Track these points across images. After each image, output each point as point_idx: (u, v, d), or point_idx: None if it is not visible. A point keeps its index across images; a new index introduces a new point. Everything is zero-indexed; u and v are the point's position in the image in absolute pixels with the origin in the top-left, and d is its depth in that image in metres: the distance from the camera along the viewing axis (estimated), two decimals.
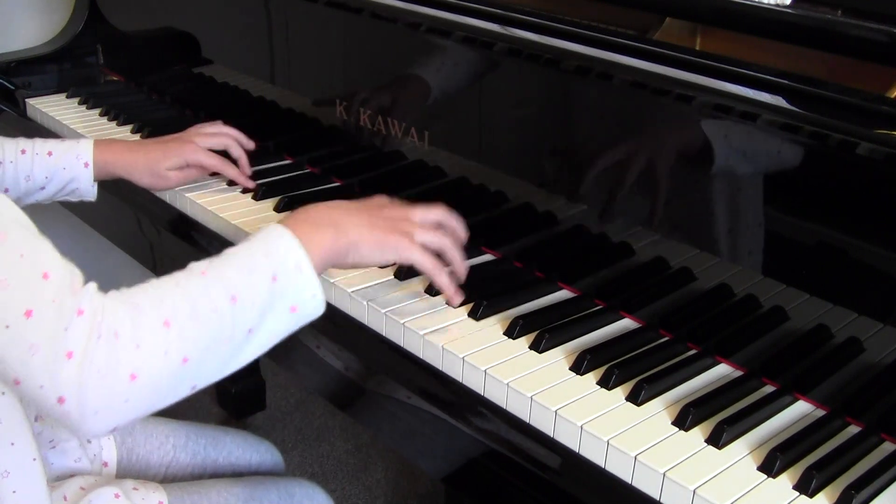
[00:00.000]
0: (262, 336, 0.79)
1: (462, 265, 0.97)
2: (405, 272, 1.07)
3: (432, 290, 1.03)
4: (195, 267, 0.78)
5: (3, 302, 0.68)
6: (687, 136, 0.95)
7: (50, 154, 1.17)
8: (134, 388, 0.70)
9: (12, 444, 0.87)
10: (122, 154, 1.22)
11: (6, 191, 1.16)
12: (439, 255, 0.94)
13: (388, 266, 1.06)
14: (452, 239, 0.96)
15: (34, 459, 0.88)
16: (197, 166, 1.25)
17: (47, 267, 0.71)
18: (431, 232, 0.94)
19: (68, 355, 0.68)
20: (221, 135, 1.28)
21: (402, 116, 1.20)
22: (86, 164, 1.19)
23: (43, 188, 1.18)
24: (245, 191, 1.29)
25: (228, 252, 0.81)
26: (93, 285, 0.73)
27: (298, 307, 0.81)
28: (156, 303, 0.73)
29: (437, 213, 0.97)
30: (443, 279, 0.93)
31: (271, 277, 0.79)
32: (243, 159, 1.29)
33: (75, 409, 0.69)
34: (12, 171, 1.15)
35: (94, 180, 1.20)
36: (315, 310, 0.83)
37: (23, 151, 1.16)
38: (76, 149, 1.19)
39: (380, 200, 0.96)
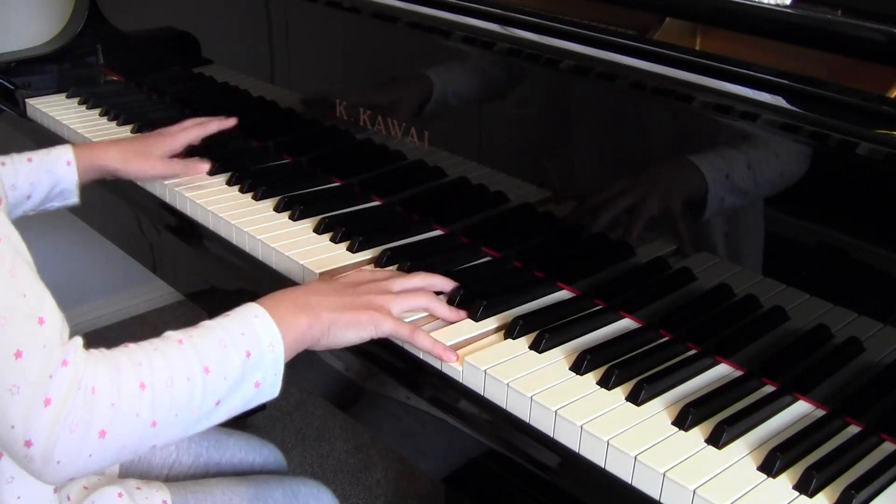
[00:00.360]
0: (226, 407, 0.81)
1: (452, 316, 0.98)
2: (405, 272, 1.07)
3: None
4: (172, 336, 0.80)
5: None
6: (686, 136, 0.95)
7: (30, 160, 1.17)
8: (101, 444, 0.72)
9: None
10: (108, 147, 1.25)
11: None
12: None
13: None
14: (432, 297, 0.98)
15: (12, 478, 0.89)
16: (181, 148, 1.30)
17: (44, 312, 0.72)
18: (408, 298, 0.96)
19: (46, 402, 0.69)
20: (190, 128, 1.33)
21: (401, 117, 1.20)
22: (67, 163, 1.19)
23: (29, 196, 1.17)
24: (245, 191, 1.29)
25: (205, 324, 0.83)
26: (79, 340, 0.74)
27: (262, 383, 0.83)
28: (134, 365, 0.75)
29: (416, 279, 0.99)
30: (424, 343, 0.93)
31: (245, 353, 0.81)
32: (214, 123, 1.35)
33: (40, 455, 0.70)
34: None
35: (80, 179, 1.20)
36: (272, 390, 0.85)
37: (2, 164, 1.16)
38: (54, 152, 1.19)
39: (358, 277, 0.99)
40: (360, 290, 0.95)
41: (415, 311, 0.98)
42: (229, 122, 1.35)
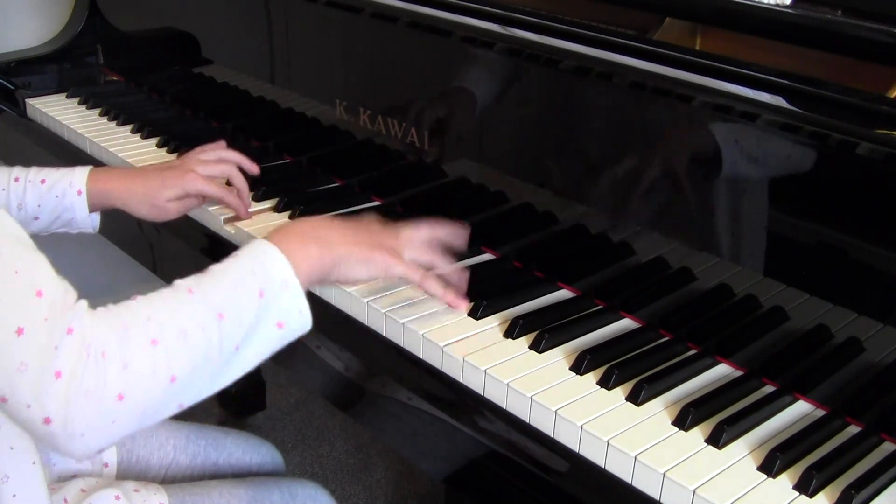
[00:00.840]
0: (249, 352, 0.79)
1: (456, 274, 0.97)
2: None
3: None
4: (181, 284, 0.78)
5: None
6: (687, 136, 0.95)
7: (43, 182, 1.11)
8: (121, 408, 0.70)
9: (11, 448, 0.87)
10: (118, 182, 1.15)
11: None
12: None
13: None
14: (443, 253, 0.96)
15: (34, 463, 0.88)
16: (197, 196, 1.17)
17: (41, 284, 0.70)
18: (418, 249, 0.95)
19: (57, 375, 0.68)
20: (223, 161, 1.21)
21: (403, 118, 1.20)
22: (79, 192, 1.11)
23: (36, 218, 1.12)
24: None
25: (214, 269, 0.80)
26: (83, 303, 0.72)
27: (285, 323, 0.81)
28: (143, 321, 0.73)
29: (425, 230, 0.97)
30: (435, 288, 0.92)
31: (258, 293, 0.78)
32: (245, 190, 1.22)
33: (61, 430, 0.68)
34: (4, 199, 1.10)
35: (90, 210, 1.13)
36: (301, 326, 0.82)
37: (16, 179, 1.11)
38: (69, 176, 1.12)
39: (369, 219, 0.97)
40: (372, 229, 0.93)
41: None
42: (253, 168, 1.24)
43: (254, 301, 0.78)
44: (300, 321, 0.82)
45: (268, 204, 1.26)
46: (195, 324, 0.74)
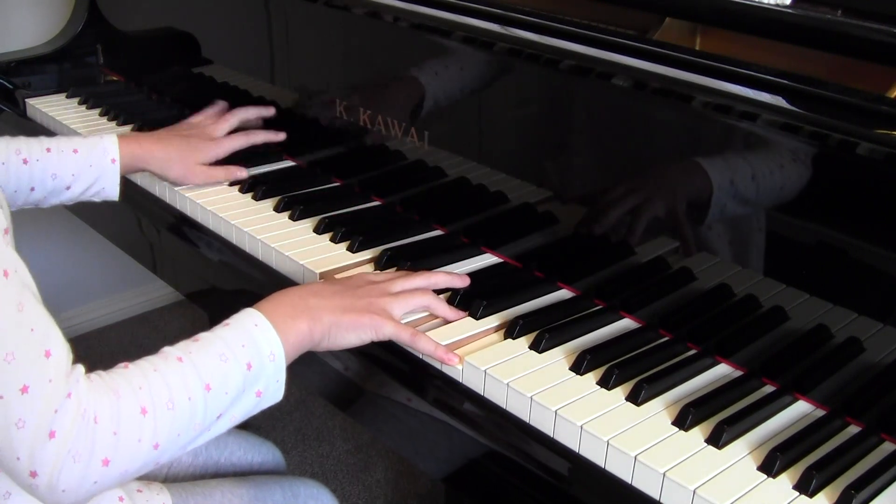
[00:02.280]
0: (227, 419, 0.82)
1: (452, 315, 0.97)
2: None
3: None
4: (170, 353, 0.80)
5: (5, 373, 0.69)
6: (686, 136, 0.95)
7: (76, 151, 1.15)
8: (105, 472, 0.73)
9: None
10: (151, 146, 1.22)
11: (32, 189, 1.15)
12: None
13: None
14: (432, 296, 0.97)
15: (9, 493, 0.89)
16: (225, 155, 1.29)
17: (51, 345, 0.72)
18: (408, 299, 0.95)
19: (51, 435, 0.70)
20: (232, 117, 1.34)
21: (403, 117, 1.20)
22: (112, 161, 1.18)
23: (69, 187, 1.16)
24: (245, 191, 1.29)
25: (205, 336, 0.82)
26: (81, 368, 0.74)
27: (264, 392, 0.84)
28: (135, 390, 0.75)
29: (419, 280, 0.99)
30: (426, 346, 0.92)
31: (246, 365, 0.81)
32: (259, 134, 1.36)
33: (45, 485, 0.71)
34: (40, 170, 1.14)
35: (122, 174, 1.20)
36: (275, 395, 0.85)
37: (48, 150, 1.15)
38: (101, 144, 1.17)
39: (358, 280, 0.98)
40: (361, 293, 0.94)
41: (415, 312, 0.98)
42: (279, 137, 1.35)
43: (241, 373, 0.81)
44: (276, 390, 0.85)
45: (268, 203, 1.26)
46: (183, 394, 0.77)
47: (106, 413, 0.72)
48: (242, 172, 1.30)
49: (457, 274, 1.03)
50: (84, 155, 1.16)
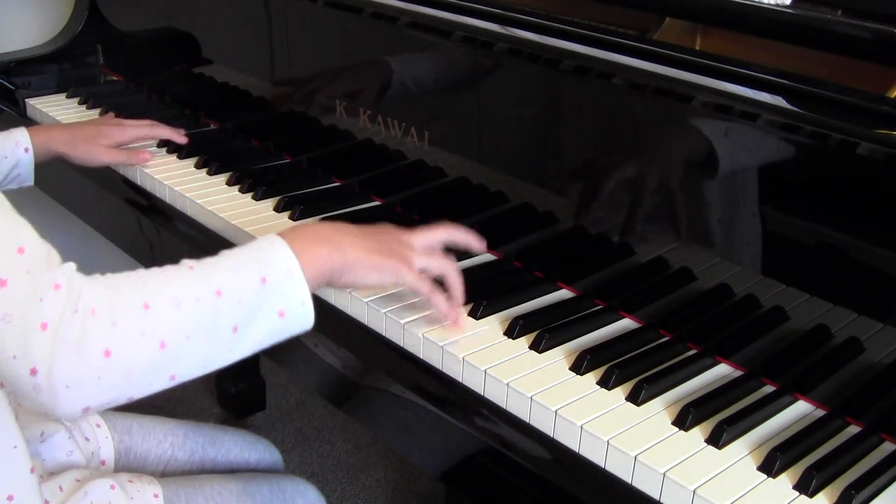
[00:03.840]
0: (248, 337, 0.79)
1: (460, 292, 0.96)
2: None
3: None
4: (185, 262, 0.79)
5: None
6: (687, 136, 0.95)
7: None
8: (107, 365, 0.70)
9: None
10: (60, 131, 1.34)
11: None
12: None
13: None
14: (455, 267, 0.95)
15: (15, 447, 0.87)
16: (130, 141, 1.38)
17: (23, 242, 0.71)
18: (431, 257, 0.94)
19: (42, 326, 0.68)
20: (143, 125, 1.42)
21: (402, 117, 1.20)
22: (26, 150, 1.27)
23: None
24: (245, 190, 1.29)
25: (222, 252, 0.81)
26: (72, 265, 0.73)
27: (287, 313, 0.80)
28: (137, 286, 0.73)
29: (440, 234, 0.96)
30: (440, 303, 0.92)
31: (260, 279, 0.78)
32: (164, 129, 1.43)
33: (46, 381, 0.68)
34: None
35: (36, 162, 1.28)
36: (303, 319, 0.82)
37: None
38: (13, 136, 1.26)
39: (383, 228, 0.96)
40: (385, 238, 0.92)
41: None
42: (181, 138, 1.43)
43: (255, 285, 0.78)
44: (302, 314, 0.81)
45: (268, 203, 1.26)
46: (190, 295, 0.75)
47: (103, 304, 0.70)
48: (146, 154, 1.38)
49: (474, 234, 1.01)
50: None
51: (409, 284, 0.91)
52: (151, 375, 0.73)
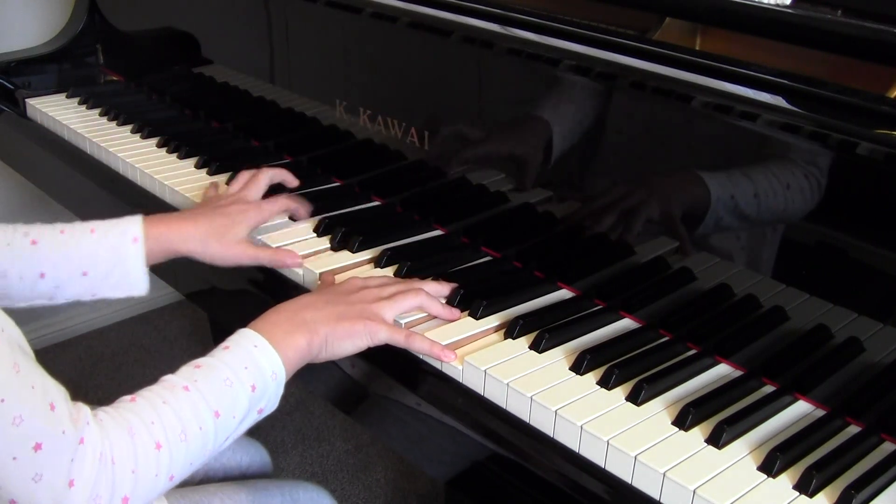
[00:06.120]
0: (232, 438, 0.84)
1: (446, 314, 0.98)
2: (403, 273, 1.07)
3: None
4: (176, 382, 0.81)
5: (15, 437, 0.68)
6: (687, 136, 0.95)
7: (92, 231, 0.98)
8: None
9: None
10: (181, 224, 1.03)
11: (42, 276, 0.96)
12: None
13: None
14: (425, 295, 0.97)
15: None
16: (264, 223, 1.13)
17: (52, 397, 0.71)
18: (400, 301, 0.96)
19: (70, 484, 0.70)
20: (261, 176, 1.18)
21: (403, 117, 1.20)
22: (135, 240, 0.98)
23: (85, 274, 0.96)
24: None
25: (206, 363, 0.83)
26: (85, 409, 0.74)
27: (264, 409, 0.86)
28: (147, 425, 0.76)
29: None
30: (421, 346, 0.93)
31: (251, 388, 0.83)
32: (290, 179, 1.22)
33: None
34: (49, 252, 0.96)
35: (150, 261, 1.01)
36: (272, 407, 0.87)
37: (61, 231, 0.97)
38: (121, 224, 0.99)
39: (350, 286, 0.98)
40: (353, 299, 0.95)
41: (410, 313, 0.98)
42: (304, 212, 1.19)
43: (247, 396, 0.83)
44: (275, 403, 0.87)
45: None
46: (194, 424, 0.79)
47: (122, 453, 0.73)
48: (295, 258, 1.09)
49: (445, 283, 1.03)
50: (101, 235, 0.98)
51: (386, 340, 0.93)
52: (155, 500, 0.78)
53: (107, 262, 0.98)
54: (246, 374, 0.83)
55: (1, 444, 0.68)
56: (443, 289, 1.02)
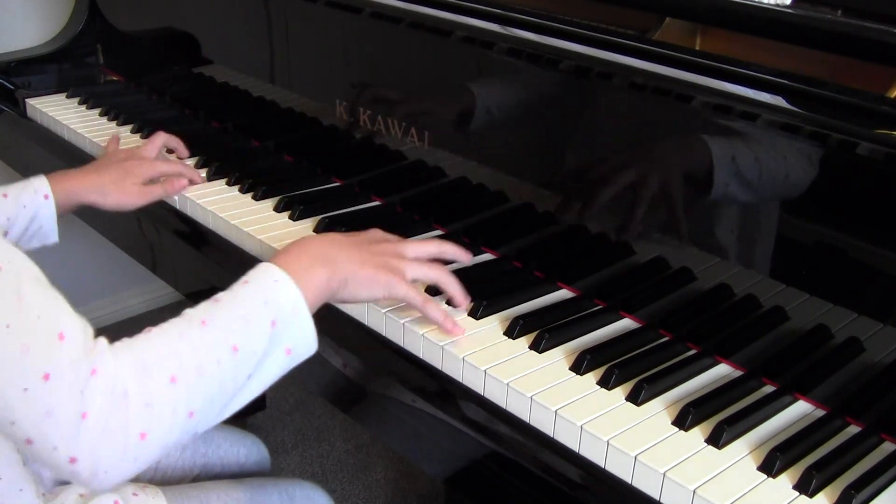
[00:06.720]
0: (259, 380, 0.80)
1: (461, 295, 0.97)
2: None
3: (432, 290, 1.03)
4: (194, 316, 0.78)
5: (23, 367, 0.68)
6: (687, 137, 0.95)
7: (5, 196, 1.10)
8: (143, 446, 0.71)
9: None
10: (83, 177, 1.19)
11: None
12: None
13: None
14: (447, 272, 0.96)
15: (21, 490, 0.89)
16: (157, 177, 1.26)
17: (63, 327, 0.70)
18: (423, 266, 0.95)
19: (83, 416, 0.69)
20: (156, 137, 1.33)
21: (402, 117, 1.20)
22: (45, 196, 1.12)
23: (6, 233, 1.10)
24: (245, 190, 1.29)
25: (225, 297, 0.81)
26: (103, 341, 0.73)
27: (293, 349, 0.82)
28: (162, 358, 0.74)
29: (431, 246, 0.98)
30: (434, 313, 0.93)
31: (270, 323, 0.80)
32: (181, 148, 1.39)
33: (87, 468, 0.70)
34: None
35: (58, 213, 1.14)
36: (307, 350, 0.84)
37: None
38: (32, 184, 1.12)
39: (374, 235, 0.97)
40: (376, 249, 0.93)
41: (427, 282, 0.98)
42: (199, 178, 1.32)
43: (266, 331, 0.79)
44: (306, 345, 0.83)
45: (268, 203, 1.26)
46: (211, 359, 0.76)
47: (135, 385, 0.71)
48: (182, 182, 1.27)
49: (463, 249, 1.02)
50: (15, 197, 1.10)
51: (403, 297, 0.92)
52: (180, 441, 0.75)
53: (25, 218, 1.11)
54: (265, 309, 0.80)
55: (12, 374, 0.67)
56: (460, 253, 1.01)
